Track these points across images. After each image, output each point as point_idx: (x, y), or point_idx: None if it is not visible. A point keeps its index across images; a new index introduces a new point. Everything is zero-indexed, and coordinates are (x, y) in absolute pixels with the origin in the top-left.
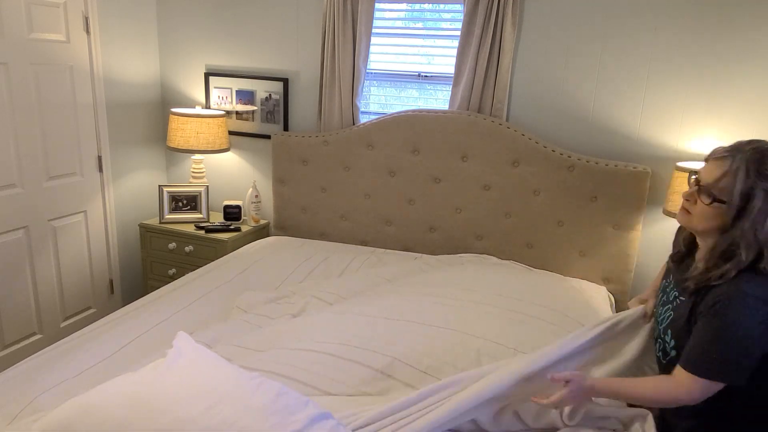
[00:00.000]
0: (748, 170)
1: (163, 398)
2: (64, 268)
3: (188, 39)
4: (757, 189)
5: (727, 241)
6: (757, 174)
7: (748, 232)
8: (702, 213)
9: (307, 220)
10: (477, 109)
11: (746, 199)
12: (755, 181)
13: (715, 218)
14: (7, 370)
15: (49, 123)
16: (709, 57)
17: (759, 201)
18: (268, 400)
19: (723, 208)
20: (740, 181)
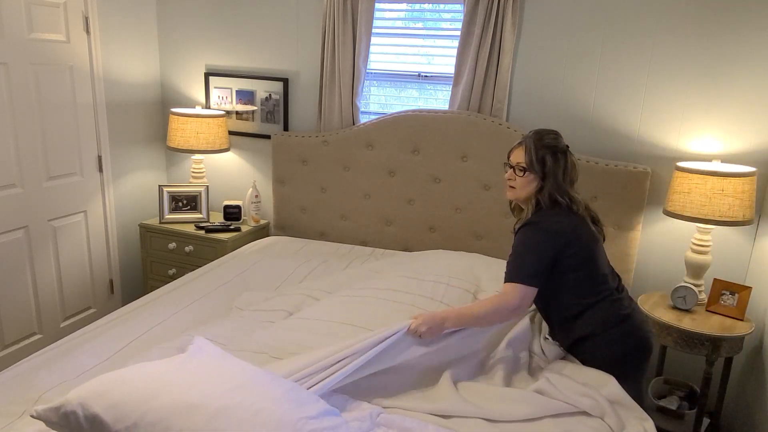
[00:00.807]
0: (535, 145)
1: (189, 377)
2: (64, 268)
3: (188, 39)
4: (546, 155)
5: (544, 195)
6: (541, 146)
7: (555, 185)
8: (522, 184)
9: (307, 220)
10: (477, 109)
11: (542, 163)
12: (543, 150)
13: (530, 184)
14: (7, 370)
15: (49, 123)
16: (708, 57)
17: (550, 161)
18: (282, 390)
19: (532, 175)
20: (533, 152)
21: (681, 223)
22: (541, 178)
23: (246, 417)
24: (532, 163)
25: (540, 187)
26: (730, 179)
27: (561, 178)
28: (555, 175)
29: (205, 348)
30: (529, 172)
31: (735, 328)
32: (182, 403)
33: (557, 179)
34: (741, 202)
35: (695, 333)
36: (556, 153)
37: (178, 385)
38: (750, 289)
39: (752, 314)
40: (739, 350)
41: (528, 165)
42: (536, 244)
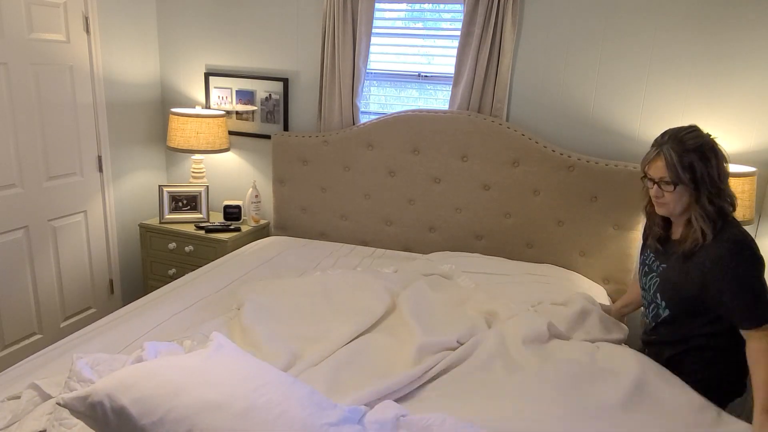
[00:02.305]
0: (678, 152)
1: (213, 375)
2: (64, 268)
3: (188, 39)
4: (692, 160)
5: (704, 205)
6: (684, 151)
7: (713, 189)
8: (673, 199)
9: (307, 220)
10: (477, 109)
11: (692, 171)
12: (689, 155)
13: (683, 197)
14: (7, 370)
15: (49, 123)
16: (709, 57)
17: (699, 166)
18: (304, 393)
19: (683, 187)
20: (677, 162)
21: None
22: (693, 187)
23: (270, 418)
24: (679, 176)
25: (696, 197)
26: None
27: (717, 180)
28: (711, 178)
29: (225, 345)
30: (680, 185)
31: None
32: (207, 402)
33: (714, 183)
34: (741, 202)
35: None
36: (703, 152)
37: (203, 383)
38: None
39: None
40: None
41: (674, 178)
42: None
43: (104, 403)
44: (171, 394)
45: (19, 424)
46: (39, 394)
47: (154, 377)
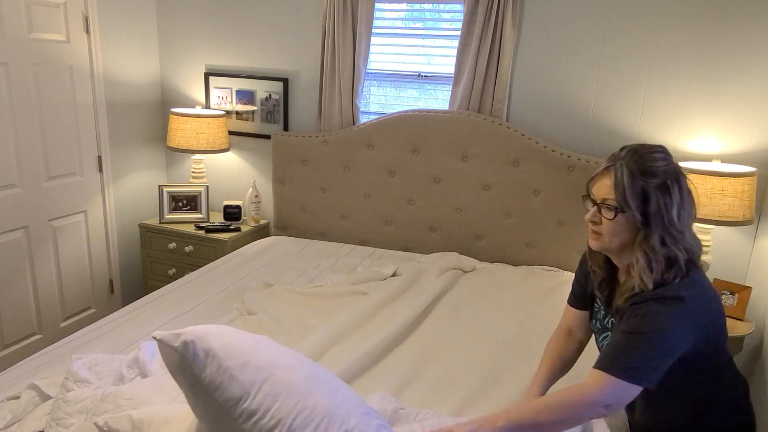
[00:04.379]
0: (632, 172)
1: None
2: (64, 268)
3: (188, 39)
4: (648, 187)
5: (652, 247)
6: (641, 173)
7: (666, 229)
8: (611, 230)
9: (307, 220)
10: (477, 109)
11: (645, 200)
12: (644, 181)
13: (625, 230)
14: (7, 371)
15: (49, 123)
16: (709, 57)
17: (656, 196)
18: (340, 383)
19: (628, 217)
20: (629, 185)
21: None
22: (642, 221)
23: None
24: (625, 200)
25: (645, 235)
26: (730, 179)
27: (676, 220)
28: (668, 216)
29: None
30: (622, 214)
31: (735, 328)
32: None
33: (671, 222)
34: (741, 202)
35: None
36: (665, 181)
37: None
38: (750, 289)
39: (752, 314)
40: (739, 350)
41: (619, 202)
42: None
43: (195, 343)
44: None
45: (19, 424)
46: (38, 394)
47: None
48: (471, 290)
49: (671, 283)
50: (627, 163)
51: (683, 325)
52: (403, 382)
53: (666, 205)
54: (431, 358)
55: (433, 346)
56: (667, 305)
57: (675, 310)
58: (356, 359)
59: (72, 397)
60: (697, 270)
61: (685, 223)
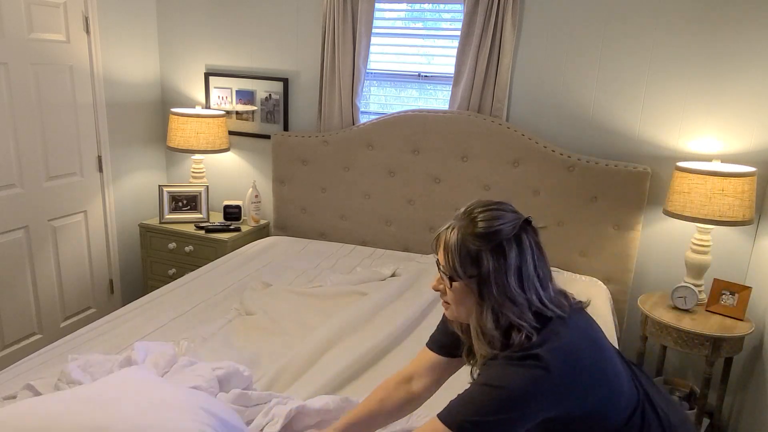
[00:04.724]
0: (463, 236)
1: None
2: (64, 268)
3: (188, 39)
4: (482, 251)
5: (483, 319)
6: (473, 236)
7: (500, 297)
8: (454, 299)
9: (307, 220)
10: (477, 109)
11: (477, 265)
12: (476, 244)
13: (467, 298)
14: (5, 370)
15: (49, 123)
16: (709, 57)
17: (489, 261)
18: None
19: (463, 285)
20: (457, 250)
21: (681, 223)
22: (477, 289)
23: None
24: (455, 268)
25: (478, 306)
26: (730, 179)
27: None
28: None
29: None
30: (457, 282)
31: (735, 328)
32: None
33: (504, 287)
34: (741, 202)
35: (695, 333)
36: (500, 243)
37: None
38: (750, 289)
39: (752, 314)
40: (739, 350)
41: (450, 270)
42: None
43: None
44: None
45: None
46: (34, 394)
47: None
48: None
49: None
50: (459, 226)
51: (535, 386)
52: None
53: (498, 271)
54: None
55: None
56: (515, 366)
57: (524, 370)
58: (354, 360)
59: None
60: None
61: (529, 287)
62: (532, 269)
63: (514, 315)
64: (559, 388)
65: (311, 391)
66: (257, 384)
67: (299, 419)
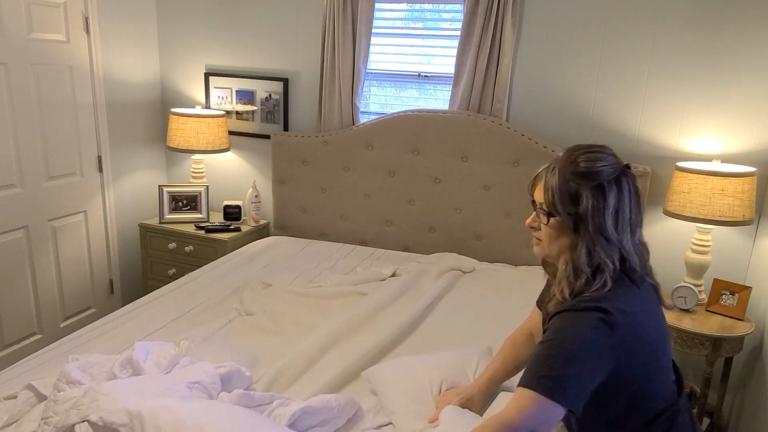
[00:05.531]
0: (564, 175)
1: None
2: (64, 268)
3: (188, 39)
4: (582, 189)
5: (577, 255)
6: (573, 175)
7: (595, 236)
8: (547, 235)
9: (306, 220)
10: (477, 109)
11: (576, 203)
12: (576, 183)
13: (561, 236)
14: (5, 370)
15: (49, 123)
16: (709, 57)
17: (589, 199)
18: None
19: (559, 222)
20: (558, 188)
21: (681, 223)
22: (573, 226)
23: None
24: (554, 205)
25: (572, 242)
26: (730, 179)
27: (610, 225)
28: (598, 220)
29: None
30: (555, 219)
31: (735, 328)
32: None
33: (602, 227)
34: (741, 202)
35: (695, 333)
36: (601, 183)
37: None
38: (750, 289)
39: (752, 314)
40: (739, 350)
41: (550, 206)
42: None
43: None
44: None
45: (16, 425)
46: (35, 394)
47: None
48: (470, 292)
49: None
50: (560, 166)
51: (598, 338)
52: None
53: (597, 209)
54: None
55: (431, 349)
56: (581, 315)
57: (589, 321)
58: (355, 360)
59: (61, 397)
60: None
61: (623, 229)
62: (627, 212)
63: (605, 253)
64: (616, 350)
65: (311, 392)
66: (257, 384)
67: (302, 419)
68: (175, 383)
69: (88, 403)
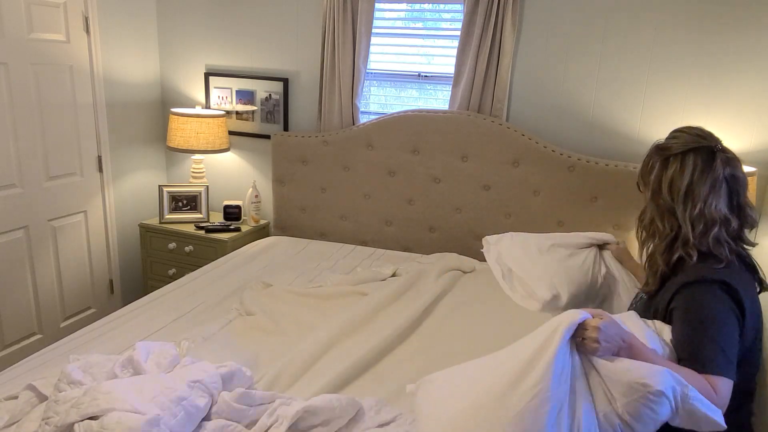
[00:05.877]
0: (651, 152)
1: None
2: (64, 268)
3: (188, 39)
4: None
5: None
6: (655, 150)
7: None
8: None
9: (306, 220)
10: (477, 109)
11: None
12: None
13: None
14: (5, 370)
15: (49, 123)
16: (708, 56)
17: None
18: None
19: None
20: (645, 162)
21: None
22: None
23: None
24: (641, 176)
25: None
26: None
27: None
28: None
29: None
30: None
31: None
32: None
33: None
34: None
35: None
36: (668, 157)
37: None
38: None
39: None
40: None
41: (638, 179)
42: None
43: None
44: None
45: (17, 425)
46: (36, 395)
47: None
48: (470, 292)
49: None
50: (656, 144)
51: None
52: (401, 386)
53: (658, 178)
54: (430, 361)
55: (431, 349)
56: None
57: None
58: (355, 361)
59: (62, 397)
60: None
61: (686, 197)
62: (689, 182)
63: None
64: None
65: (312, 392)
66: (258, 384)
67: (304, 419)
68: (176, 382)
69: (87, 401)
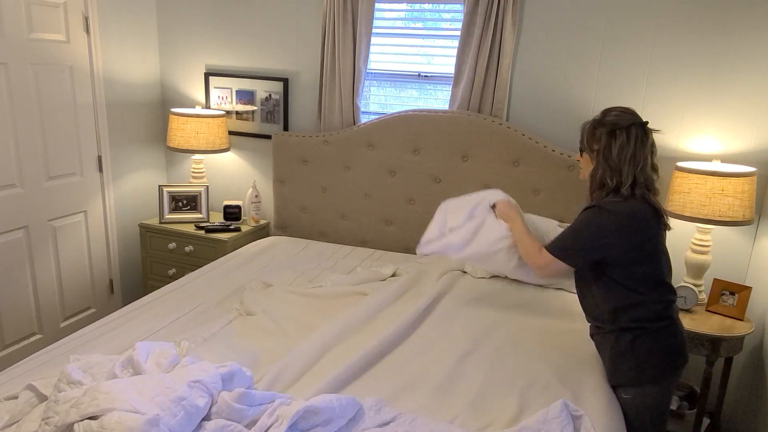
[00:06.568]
0: (593, 124)
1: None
2: (64, 268)
3: (188, 39)
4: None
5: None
6: (599, 123)
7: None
8: (582, 164)
9: (307, 219)
10: (477, 109)
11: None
12: (601, 129)
13: (587, 164)
14: (6, 370)
15: (49, 123)
16: (708, 57)
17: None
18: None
19: (586, 156)
20: (588, 132)
21: (681, 223)
22: (594, 158)
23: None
24: (583, 142)
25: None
26: (730, 179)
27: (615, 157)
28: (606, 154)
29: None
30: (584, 153)
31: (735, 328)
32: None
33: (609, 158)
34: (741, 202)
35: (695, 333)
36: (614, 131)
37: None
38: (750, 289)
39: (752, 314)
40: (739, 350)
41: (581, 144)
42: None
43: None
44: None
45: (17, 425)
46: (36, 395)
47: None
48: (470, 292)
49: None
50: (594, 118)
51: (602, 227)
52: (400, 386)
53: (608, 146)
54: (430, 361)
55: (431, 350)
56: (593, 211)
57: (597, 215)
58: (355, 361)
59: (62, 397)
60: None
61: (625, 160)
62: (632, 150)
63: (607, 175)
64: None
65: (312, 392)
66: (258, 384)
67: (304, 419)
68: (176, 382)
69: (87, 401)
